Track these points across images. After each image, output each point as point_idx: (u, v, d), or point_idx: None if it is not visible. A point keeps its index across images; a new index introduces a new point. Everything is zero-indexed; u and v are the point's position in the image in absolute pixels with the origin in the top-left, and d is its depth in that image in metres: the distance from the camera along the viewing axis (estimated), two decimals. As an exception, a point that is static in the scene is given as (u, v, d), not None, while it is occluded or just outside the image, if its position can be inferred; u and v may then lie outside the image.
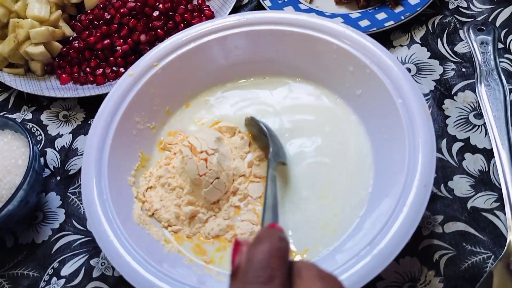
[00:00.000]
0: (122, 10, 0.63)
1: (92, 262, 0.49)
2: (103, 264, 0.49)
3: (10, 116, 0.62)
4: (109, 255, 0.41)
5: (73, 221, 0.53)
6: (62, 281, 0.49)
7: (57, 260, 0.50)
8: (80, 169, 0.56)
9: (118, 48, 0.63)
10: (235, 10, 0.66)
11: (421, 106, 0.44)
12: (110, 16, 0.63)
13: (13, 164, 0.50)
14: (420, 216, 0.39)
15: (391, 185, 0.42)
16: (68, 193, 0.55)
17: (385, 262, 0.37)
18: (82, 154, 0.57)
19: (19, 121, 0.61)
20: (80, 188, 0.55)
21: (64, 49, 0.64)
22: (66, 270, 0.49)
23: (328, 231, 0.44)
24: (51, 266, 0.50)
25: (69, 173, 0.57)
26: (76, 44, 0.64)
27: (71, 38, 0.66)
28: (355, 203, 0.45)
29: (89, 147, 0.47)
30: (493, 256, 0.44)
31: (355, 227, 0.43)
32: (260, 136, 0.51)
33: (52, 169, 0.57)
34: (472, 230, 0.46)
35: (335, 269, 0.38)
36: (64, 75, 0.63)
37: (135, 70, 0.52)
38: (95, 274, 0.48)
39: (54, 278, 0.49)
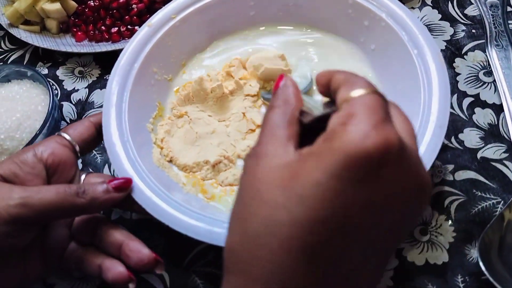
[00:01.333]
0: (138, -31, 0.64)
1: (110, 206, 0.50)
2: (121, 208, 0.50)
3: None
4: (132, 191, 0.42)
5: (89, 169, 0.54)
6: (81, 223, 0.49)
7: (75, 205, 0.51)
8: (96, 121, 0.57)
9: (133, 6, 0.63)
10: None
11: (436, 54, 0.45)
12: (125, -25, 0.64)
13: (33, 110, 0.51)
14: (435, 154, 0.40)
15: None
16: (84, 144, 0.56)
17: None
18: (98, 107, 0.58)
19: (35, 76, 0.62)
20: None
21: (79, 8, 0.65)
22: (84, 214, 0.50)
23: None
24: (69, 211, 0.51)
25: (86, 125, 0.57)
26: (92, 3, 0.65)
27: (85, -2, 0.67)
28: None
29: (109, 92, 0.48)
30: (502, 202, 0.46)
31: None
32: None
33: (69, 121, 0.58)
34: (482, 178, 0.47)
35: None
36: (79, 33, 0.64)
37: (153, 22, 0.53)
38: (113, 217, 0.49)
39: (73, 222, 0.50)
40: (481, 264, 0.40)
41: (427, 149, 0.40)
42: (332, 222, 0.24)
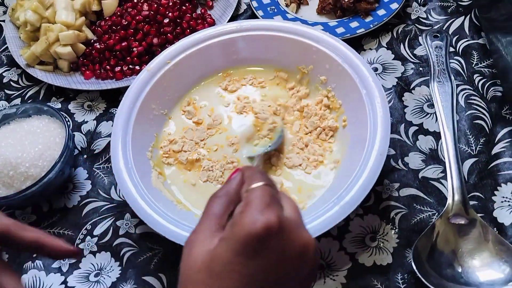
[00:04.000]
0: (137, 18, 0.74)
1: (118, 223, 0.60)
2: (127, 224, 0.60)
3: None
4: (136, 209, 0.52)
5: (98, 190, 0.64)
6: (95, 239, 0.59)
7: (89, 223, 0.61)
8: (103, 149, 0.67)
9: (134, 49, 0.74)
10: (233, 18, 0.78)
11: (381, 94, 0.56)
12: (127, 22, 0.75)
13: (52, 141, 0.61)
14: (376, 176, 0.51)
15: (355, 155, 0.54)
16: (93, 168, 0.66)
17: (350, 209, 0.49)
18: (105, 136, 0.69)
19: (49, 110, 0.72)
20: (104, 164, 0.66)
21: (87, 50, 0.76)
22: (97, 230, 0.60)
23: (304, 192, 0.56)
24: (84, 228, 0.60)
25: (94, 152, 0.68)
26: (98, 46, 0.75)
27: (92, 40, 0.77)
28: (327, 171, 0.57)
29: (116, 127, 0.59)
30: (436, 214, 0.56)
31: (325, 191, 0.55)
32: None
33: (80, 149, 0.68)
34: (421, 194, 0.58)
35: (310, 216, 0.49)
36: (87, 72, 0.74)
37: (151, 66, 0.64)
38: (121, 232, 0.59)
39: (88, 237, 0.60)
40: (413, 264, 0.50)
41: (370, 171, 0.51)
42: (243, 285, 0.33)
